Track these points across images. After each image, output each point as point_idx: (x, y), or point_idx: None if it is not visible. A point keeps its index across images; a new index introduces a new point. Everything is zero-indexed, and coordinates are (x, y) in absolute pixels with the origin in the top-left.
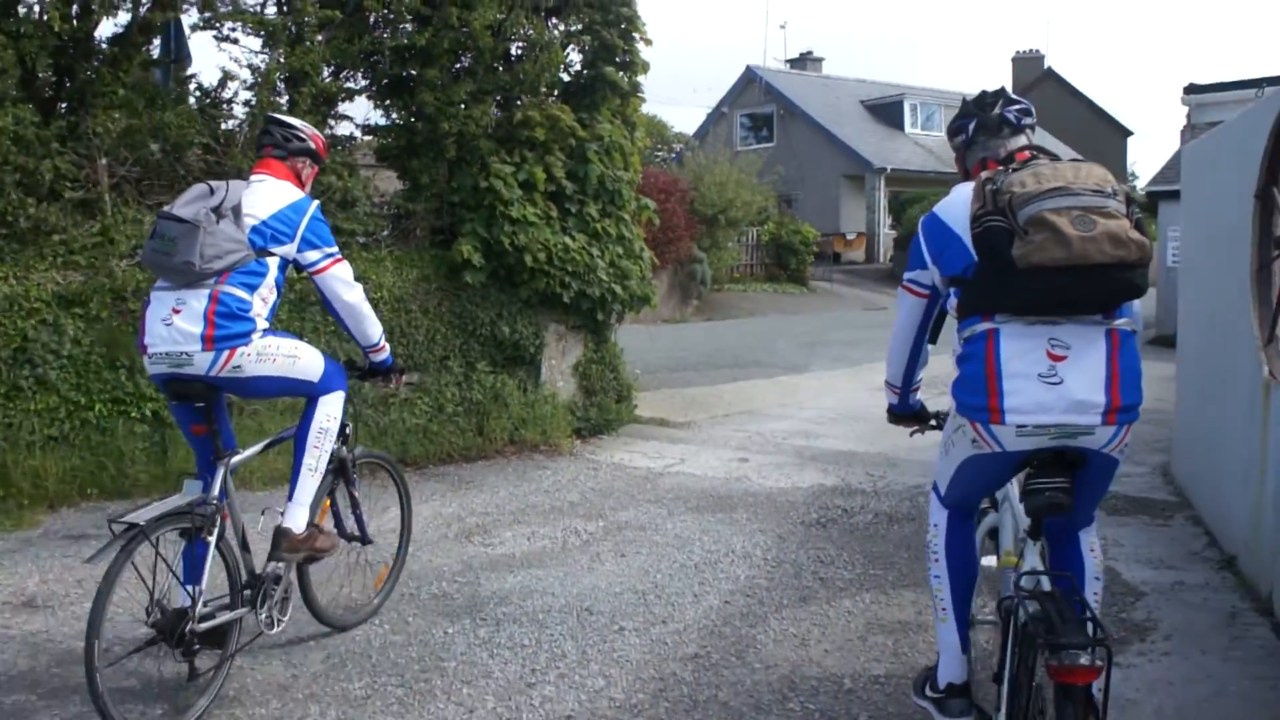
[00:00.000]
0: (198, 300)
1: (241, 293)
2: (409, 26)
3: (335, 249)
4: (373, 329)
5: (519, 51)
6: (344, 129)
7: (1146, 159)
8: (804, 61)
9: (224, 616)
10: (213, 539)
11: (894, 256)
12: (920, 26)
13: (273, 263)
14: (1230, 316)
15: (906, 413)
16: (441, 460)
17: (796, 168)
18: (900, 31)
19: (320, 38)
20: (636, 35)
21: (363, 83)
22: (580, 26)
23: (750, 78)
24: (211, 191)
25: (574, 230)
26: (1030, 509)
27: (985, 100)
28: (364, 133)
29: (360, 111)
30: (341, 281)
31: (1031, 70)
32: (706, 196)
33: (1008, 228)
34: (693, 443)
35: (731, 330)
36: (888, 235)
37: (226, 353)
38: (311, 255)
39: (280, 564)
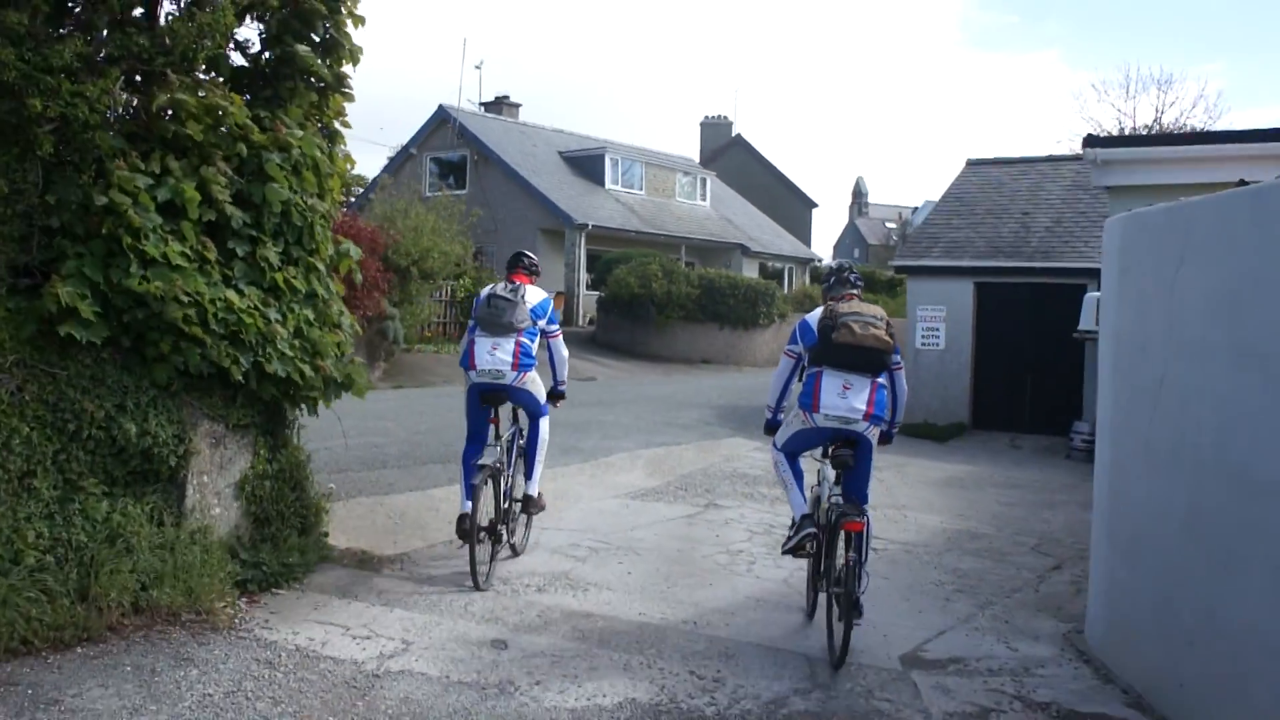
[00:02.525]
0: (508, 344)
1: (529, 341)
2: None
3: (556, 323)
4: (566, 371)
5: (172, 9)
6: None
7: (819, 228)
8: (500, 105)
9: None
10: (505, 479)
11: (594, 319)
12: (615, 83)
13: (537, 329)
14: None
15: (776, 425)
16: (12, 650)
17: (490, 219)
18: (597, 85)
19: None
20: (344, 7)
21: None
22: None
23: (443, 118)
24: (509, 287)
25: (242, 281)
26: (834, 465)
27: (843, 267)
28: None
29: None
30: (561, 343)
31: (720, 136)
32: (400, 244)
33: (832, 326)
34: (417, 604)
35: (431, 404)
36: (588, 296)
37: (522, 374)
38: (551, 328)
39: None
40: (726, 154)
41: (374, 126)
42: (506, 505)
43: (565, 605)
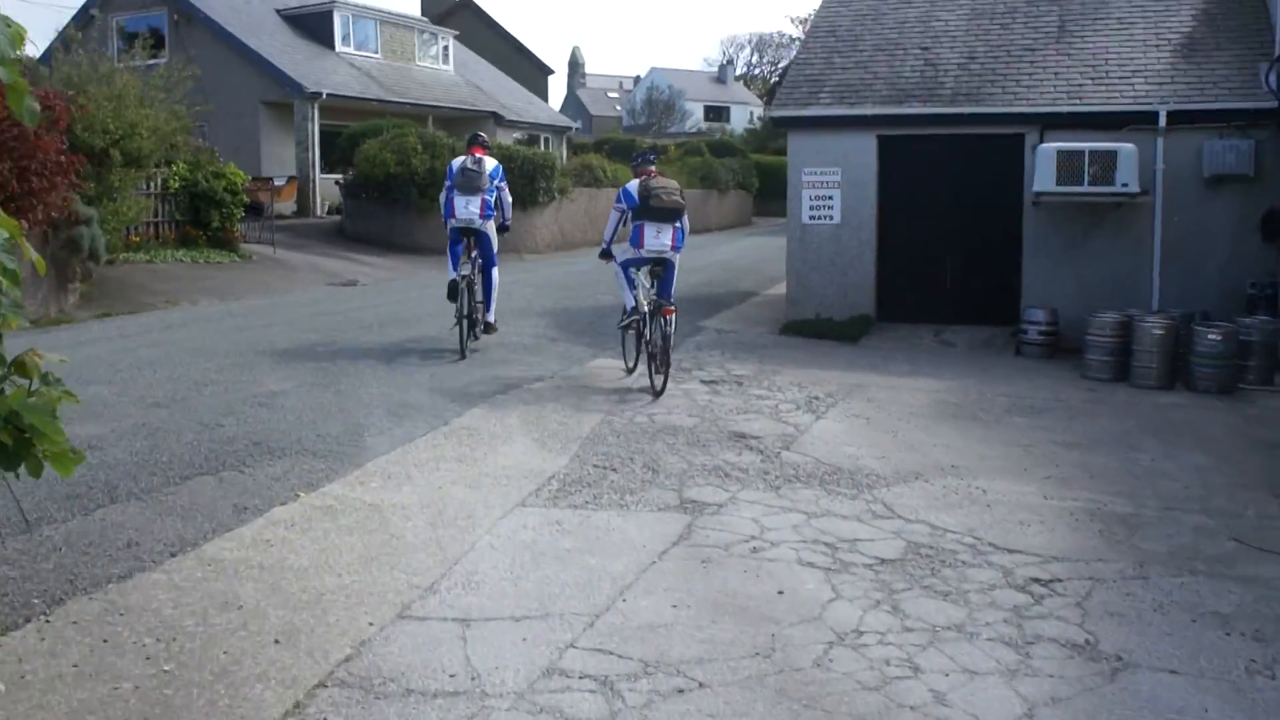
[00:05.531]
0: (476, 199)
1: (489, 198)
2: None
3: (505, 182)
4: (510, 213)
5: None
6: None
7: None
8: None
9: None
10: (476, 287)
11: (336, 207)
12: None
13: (494, 187)
14: None
15: (608, 252)
16: None
17: (199, 92)
18: None
19: None
20: None
21: None
22: None
23: None
24: (474, 160)
25: None
26: (651, 278)
27: (646, 150)
28: None
29: None
30: (507, 192)
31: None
32: (96, 118)
33: (648, 195)
34: None
35: (162, 342)
36: (325, 181)
37: (485, 220)
38: (502, 185)
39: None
40: (453, 19)
41: None
42: (474, 305)
43: None
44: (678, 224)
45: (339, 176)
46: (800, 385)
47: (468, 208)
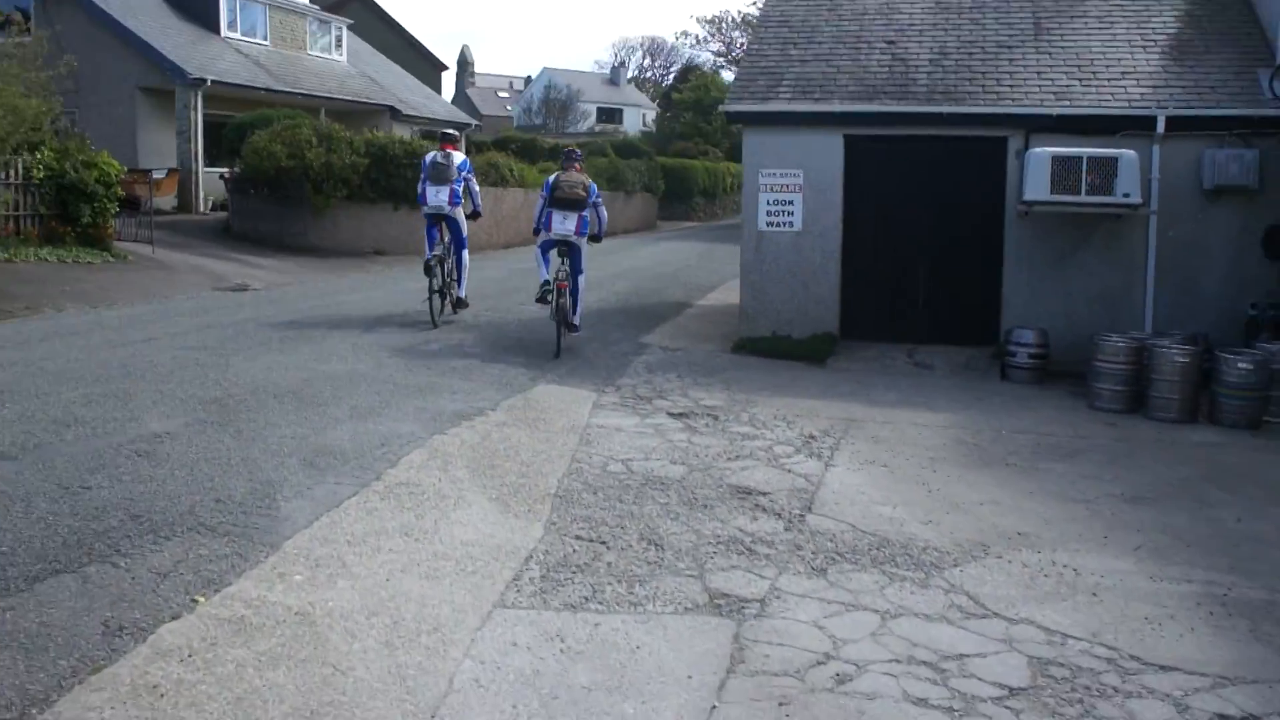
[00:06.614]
0: (445, 188)
1: (458, 188)
2: None
3: (472, 173)
4: (480, 200)
5: None
6: None
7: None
8: None
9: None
10: (446, 265)
11: (221, 203)
12: None
13: (461, 178)
14: None
15: (538, 230)
16: None
17: (70, 75)
18: None
19: None
20: None
21: None
22: None
23: None
24: (443, 155)
25: None
26: (560, 257)
27: (573, 148)
28: None
29: None
30: (475, 181)
31: None
32: None
33: (555, 187)
34: None
35: (11, 365)
36: (209, 175)
37: (454, 207)
38: (469, 176)
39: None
40: (345, 9)
41: None
42: (446, 281)
43: None
44: (582, 213)
45: (225, 170)
46: (786, 420)
47: (438, 195)
